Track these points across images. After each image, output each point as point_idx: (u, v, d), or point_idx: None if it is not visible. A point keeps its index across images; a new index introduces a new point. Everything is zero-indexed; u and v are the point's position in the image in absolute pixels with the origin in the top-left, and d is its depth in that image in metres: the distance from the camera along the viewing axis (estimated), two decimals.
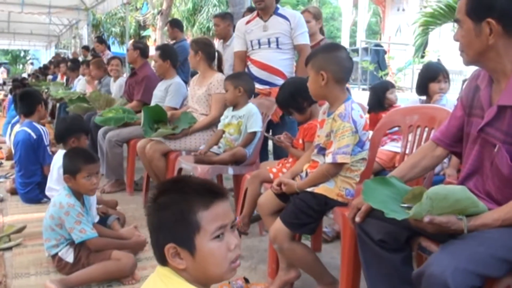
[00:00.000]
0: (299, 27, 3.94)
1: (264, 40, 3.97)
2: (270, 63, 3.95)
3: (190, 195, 1.33)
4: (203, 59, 4.18)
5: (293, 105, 2.98)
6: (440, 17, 7.22)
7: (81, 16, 14.20)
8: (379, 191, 1.95)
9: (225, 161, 3.55)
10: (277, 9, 4.00)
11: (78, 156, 2.90)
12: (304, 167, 2.66)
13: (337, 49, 2.51)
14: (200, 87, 4.21)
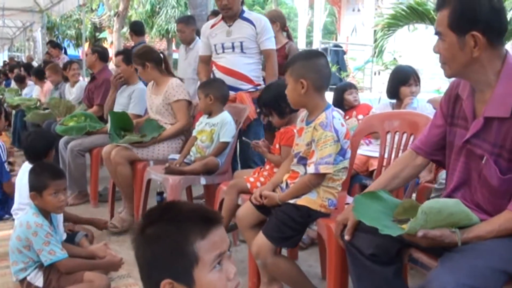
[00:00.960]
0: (264, 31, 3.83)
1: (228, 44, 3.85)
2: (235, 68, 3.82)
3: (184, 224, 1.23)
4: (152, 68, 4.02)
5: (276, 108, 2.89)
6: (402, 19, 7.28)
7: (35, 18, 13.76)
8: (369, 206, 1.90)
9: (196, 171, 3.43)
10: (242, 13, 3.88)
11: (44, 171, 2.73)
12: (284, 178, 2.58)
13: (316, 56, 2.45)
14: (157, 95, 4.04)
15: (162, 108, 3.99)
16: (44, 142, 3.53)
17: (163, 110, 4.00)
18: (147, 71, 4.01)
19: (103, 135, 4.73)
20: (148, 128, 4.01)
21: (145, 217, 1.29)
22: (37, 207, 2.72)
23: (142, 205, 3.71)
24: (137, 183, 3.80)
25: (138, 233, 1.26)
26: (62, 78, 6.94)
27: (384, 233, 1.72)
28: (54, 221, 2.83)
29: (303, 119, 2.54)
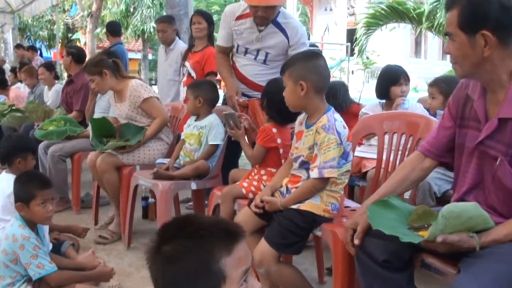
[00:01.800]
0: (299, 46, 3.44)
1: (253, 49, 3.51)
2: (252, 78, 3.54)
3: (208, 239, 1.12)
4: (110, 75, 3.78)
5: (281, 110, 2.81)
6: (382, 18, 7.32)
7: (6, 20, 13.39)
8: (384, 215, 1.85)
9: (187, 175, 3.32)
10: (277, 15, 3.41)
11: (31, 181, 2.59)
12: (283, 182, 2.50)
13: (315, 57, 2.37)
14: (122, 102, 3.85)
15: (132, 113, 3.81)
16: (18, 147, 3.33)
17: (134, 115, 3.82)
18: (106, 79, 3.75)
19: (84, 139, 4.59)
20: (128, 132, 3.85)
21: (161, 233, 1.18)
22: (23, 219, 2.57)
23: (130, 211, 3.58)
24: (124, 189, 3.67)
25: (154, 251, 1.15)
26: (37, 81, 6.75)
27: (405, 241, 1.66)
28: (40, 232, 2.69)
29: (302, 122, 2.47)
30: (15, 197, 2.59)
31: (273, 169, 2.85)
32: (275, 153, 2.87)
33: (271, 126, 2.86)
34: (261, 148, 2.88)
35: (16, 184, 2.61)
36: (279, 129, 2.85)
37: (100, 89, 3.84)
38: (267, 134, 2.85)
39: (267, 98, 2.90)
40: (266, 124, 2.93)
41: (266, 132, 2.85)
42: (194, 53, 4.62)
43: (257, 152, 2.92)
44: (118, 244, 3.71)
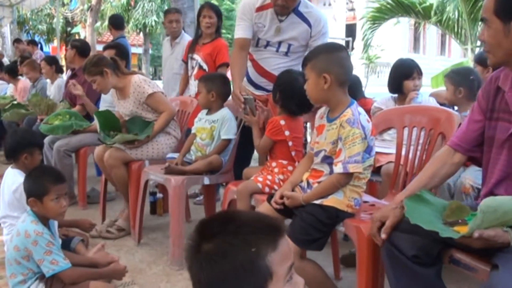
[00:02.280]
0: (321, 36, 3.29)
1: (274, 42, 3.34)
2: (273, 71, 3.33)
3: (253, 236, 1.06)
4: (111, 73, 3.68)
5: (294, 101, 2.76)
6: (387, 12, 7.26)
7: (5, 13, 13.21)
8: (420, 210, 1.81)
9: (199, 170, 3.25)
10: (298, 5, 3.24)
11: (45, 175, 2.51)
12: (304, 177, 2.44)
13: (339, 49, 2.31)
14: (125, 99, 3.77)
15: (136, 109, 3.73)
16: (24, 142, 3.24)
17: (139, 111, 3.75)
18: (107, 78, 3.65)
19: (90, 133, 4.53)
20: (134, 126, 3.77)
21: (200, 231, 1.11)
22: (36, 214, 2.51)
23: (140, 207, 3.52)
24: (133, 184, 3.60)
25: (195, 250, 1.09)
26: (39, 75, 6.68)
27: (444, 236, 1.62)
28: (52, 227, 2.63)
29: (323, 116, 2.41)
30: (27, 192, 2.52)
31: (283, 161, 2.82)
32: (283, 146, 2.83)
33: (279, 119, 2.82)
34: (267, 139, 2.85)
35: (29, 179, 2.53)
36: (289, 122, 2.81)
37: (102, 88, 3.75)
38: (274, 126, 2.81)
39: (279, 90, 2.85)
40: (275, 117, 2.88)
41: (274, 124, 2.82)
42: (203, 45, 4.55)
43: (263, 143, 2.90)
44: (128, 239, 3.65)
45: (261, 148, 2.95)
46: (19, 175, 3.15)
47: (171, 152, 3.70)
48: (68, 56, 5.38)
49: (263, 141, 2.89)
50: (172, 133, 3.80)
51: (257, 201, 2.68)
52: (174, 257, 3.14)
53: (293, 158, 2.83)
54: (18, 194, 3.15)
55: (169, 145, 3.76)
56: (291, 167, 2.78)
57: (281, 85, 2.84)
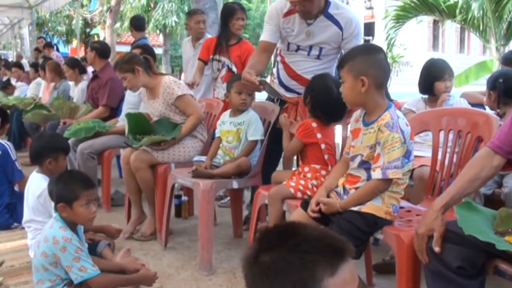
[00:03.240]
0: (353, 38, 3.13)
1: (305, 45, 3.20)
2: (304, 75, 3.23)
3: (311, 255, 0.99)
4: (142, 72, 3.66)
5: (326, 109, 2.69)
6: (411, 11, 7.15)
7: (24, 15, 13.27)
8: (473, 219, 1.73)
9: (228, 173, 3.19)
10: (327, 7, 3.08)
11: (74, 180, 2.47)
12: (339, 182, 2.36)
13: (376, 51, 2.23)
14: (155, 99, 3.73)
15: (165, 110, 3.70)
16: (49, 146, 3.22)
17: (167, 112, 3.71)
18: (138, 76, 3.62)
19: (114, 135, 4.49)
20: (162, 128, 3.71)
21: (260, 240, 1.06)
22: (64, 220, 2.46)
23: (167, 210, 3.46)
24: (159, 187, 3.55)
25: (252, 260, 1.03)
26: (60, 77, 6.68)
27: (501, 248, 1.54)
28: (79, 233, 2.59)
29: (358, 119, 2.33)
30: (56, 198, 2.47)
31: (316, 165, 2.75)
32: (316, 149, 2.76)
33: (311, 121, 2.75)
34: (298, 141, 2.78)
35: (57, 183, 2.48)
36: (320, 125, 2.74)
37: (133, 86, 3.71)
38: (306, 128, 2.75)
39: (311, 95, 2.78)
40: (307, 119, 2.81)
41: (305, 126, 2.75)
42: (229, 46, 4.48)
43: (293, 145, 2.83)
44: (154, 243, 3.60)
45: (290, 150, 2.88)
46: (43, 180, 3.12)
47: (197, 155, 3.64)
48: (88, 58, 5.38)
49: (293, 143, 2.83)
50: (198, 136, 3.75)
51: (289, 206, 2.61)
52: (203, 262, 3.08)
53: (326, 162, 2.76)
54: (42, 199, 3.13)
55: (196, 148, 3.70)
56: (324, 172, 2.71)
57: (314, 90, 2.77)
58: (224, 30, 4.53)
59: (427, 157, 2.94)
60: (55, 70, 6.72)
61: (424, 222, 1.90)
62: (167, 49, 21.05)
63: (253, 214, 2.93)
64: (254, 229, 2.92)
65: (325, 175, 2.69)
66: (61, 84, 6.67)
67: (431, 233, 1.83)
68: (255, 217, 2.92)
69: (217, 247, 3.41)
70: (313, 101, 2.76)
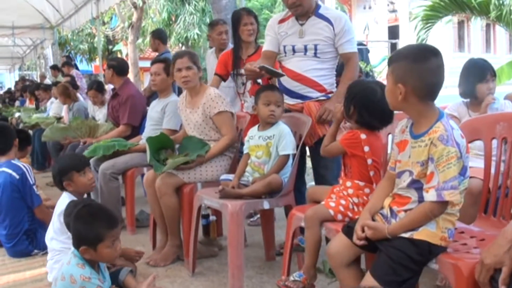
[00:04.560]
0: (345, 33, 3.22)
1: (300, 46, 3.25)
2: (305, 73, 3.22)
3: None
4: (197, 74, 3.54)
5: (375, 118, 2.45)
6: (441, 10, 6.86)
7: (46, 35, 13.35)
8: None
9: (257, 192, 2.95)
10: (318, 8, 3.27)
11: (97, 221, 2.24)
12: (385, 203, 2.10)
13: (426, 58, 1.92)
14: (193, 109, 3.55)
15: (202, 122, 3.51)
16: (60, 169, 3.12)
17: (203, 126, 3.52)
18: (199, 74, 3.54)
19: (137, 154, 4.29)
20: (189, 145, 3.51)
21: None
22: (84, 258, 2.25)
23: (194, 234, 3.24)
24: (185, 209, 3.32)
25: None
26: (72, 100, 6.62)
27: None
28: (101, 267, 2.37)
29: (404, 130, 2.07)
30: (77, 240, 2.25)
31: (360, 182, 2.48)
32: (361, 163, 2.48)
33: (360, 132, 2.48)
34: (339, 147, 2.55)
35: (78, 224, 2.25)
36: (370, 138, 2.47)
37: (193, 80, 3.51)
38: (354, 137, 2.48)
39: (353, 103, 2.49)
40: (352, 130, 2.55)
41: (353, 136, 2.49)
42: (248, 57, 4.25)
43: (332, 148, 2.62)
44: (181, 269, 3.37)
45: (327, 151, 2.65)
46: (67, 199, 3.02)
47: (225, 173, 3.41)
48: (106, 76, 5.22)
49: (333, 146, 2.59)
50: (227, 154, 3.53)
51: (329, 230, 2.35)
52: None
53: (371, 179, 2.48)
54: (62, 218, 2.96)
55: (224, 167, 3.48)
56: (368, 190, 2.44)
57: (355, 97, 2.49)
58: (236, 41, 4.30)
59: (474, 168, 2.66)
60: (64, 94, 6.67)
61: (493, 252, 1.63)
62: None
63: (287, 238, 2.67)
64: (289, 254, 2.67)
65: (368, 194, 2.43)
66: (73, 105, 6.59)
67: (500, 267, 1.56)
68: (289, 241, 2.66)
69: (248, 272, 3.17)
70: (358, 107, 2.47)
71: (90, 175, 3.16)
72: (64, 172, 3.09)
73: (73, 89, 6.92)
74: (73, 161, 3.22)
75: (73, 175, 3.09)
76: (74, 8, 10.62)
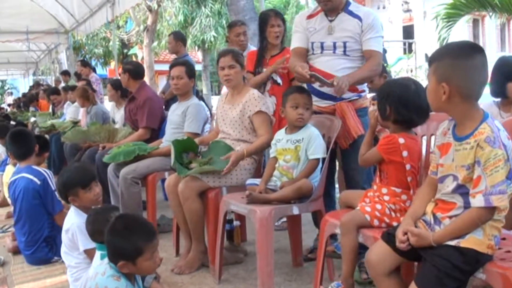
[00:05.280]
0: (371, 29, 3.07)
1: (329, 44, 3.13)
2: (334, 72, 3.03)
3: None
4: (241, 73, 3.52)
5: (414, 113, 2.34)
6: (462, 8, 6.71)
7: (60, 40, 13.32)
8: None
9: (286, 198, 2.86)
10: (347, 5, 3.15)
11: (135, 234, 2.13)
12: (428, 209, 2.00)
13: (471, 54, 1.85)
14: (233, 106, 3.51)
15: (238, 120, 3.46)
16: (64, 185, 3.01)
17: (238, 123, 3.47)
18: (242, 73, 3.53)
19: (158, 158, 4.23)
20: (215, 149, 3.45)
21: None
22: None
23: (220, 240, 3.16)
24: (211, 214, 3.25)
25: None
26: (91, 102, 6.54)
27: None
28: (137, 278, 2.30)
29: (446, 132, 1.98)
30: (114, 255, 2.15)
31: (397, 188, 2.37)
32: (399, 169, 2.37)
33: (398, 136, 2.36)
34: (378, 154, 2.42)
35: (114, 238, 2.16)
36: (409, 142, 2.35)
37: (235, 78, 3.49)
38: (391, 143, 2.36)
39: (388, 103, 2.38)
40: (388, 134, 2.45)
41: (390, 141, 2.37)
42: (271, 58, 4.19)
43: (370, 156, 2.50)
44: (206, 276, 3.29)
45: (365, 160, 2.54)
46: (74, 215, 2.95)
47: (250, 177, 3.33)
48: (122, 80, 5.16)
49: (371, 154, 2.47)
50: (253, 157, 3.46)
51: (366, 238, 2.25)
52: None
53: (409, 185, 2.37)
54: (70, 235, 2.93)
55: (249, 170, 3.40)
56: (405, 196, 2.35)
57: (389, 96, 2.37)
58: (262, 41, 4.24)
59: None
60: (83, 96, 6.57)
61: None
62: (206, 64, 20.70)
63: (321, 245, 2.58)
64: (322, 263, 2.58)
65: (405, 200, 2.34)
66: (91, 109, 6.51)
67: None
68: (323, 249, 2.57)
69: (276, 279, 3.06)
70: (394, 105, 2.35)
71: (96, 190, 3.00)
72: (68, 188, 2.97)
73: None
74: (78, 175, 3.02)
75: (78, 191, 2.96)
76: (89, 12, 10.57)
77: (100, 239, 2.50)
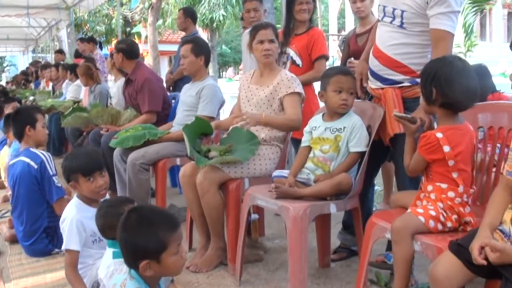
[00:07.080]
0: (440, 1, 2.44)
1: (389, 9, 2.60)
2: (387, 51, 2.61)
3: None
4: (278, 50, 3.25)
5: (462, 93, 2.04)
6: None
7: (62, 16, 12.90)
8: None
9: (322, 193, 2.54)
10: None
11: (156, 224, 1.77)
12: (506, 218, 1.68)
13: None
14: (261, 87, 3.18)
15: (266, 101, 3.13)
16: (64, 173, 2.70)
17: (266, 105, 3.14)
18: (277, 50, 3.24)
19: (169, 143, 3.89)
20: (236, 136, 3.11)
21: None
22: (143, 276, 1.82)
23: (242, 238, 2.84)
24: (231, 209, 2.93)
25: None
26: (95, 81, 6.17)
27: None
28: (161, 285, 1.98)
29: None
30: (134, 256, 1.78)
31: (442, 184, 2.09)
32: (440, 165, 2.09)
33: (435, 132, 2.09)
34: (420, 158, 2.14)
35: (132, 236, 1.79)
36: (448, 133, 2.07)
37: (274, 54, 3.20)
38: (429, 141, 2.09)
39: (433, 84, 2.08)
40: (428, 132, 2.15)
41: (428, 139, 2.09)
42: (295, 36, 3.87)
43: (415, 163, 2.20)
44: (224, 275, 2.97)
45: (413, 168, 2.22)
46: (72, 206, 2.65)
47: (275, 168, 3.00)
48: (116, 61, 4.81)
49: (416, 160, 2.18)
50: (277, 144, 3.14)
51: (425, 246, 1.92)
52: None
53: (455, 181, 2.07)
54: (64, 225, 2.61)
55: (274, 160, 3.07)
56: (452, 194, 2.06)
57: (434, 77, 2.07)
58: (289, 20, 3.95)
59: None
60: (87, 74, 6.21)
61: None
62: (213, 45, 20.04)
63: (364, 252, 2.25)
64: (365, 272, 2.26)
65: (453, 198, 2.05)
66: (95, 88, 6.15)
67: None
68: (367, 256, 2.24)
69: None
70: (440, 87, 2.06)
71: (99, 182, 2.64)
72: (69, 171, 2.67)
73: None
74: (82, 161, 2.70)
75: (79, 178, 2.64)
76: None
77: (112, 235, 2.19)
